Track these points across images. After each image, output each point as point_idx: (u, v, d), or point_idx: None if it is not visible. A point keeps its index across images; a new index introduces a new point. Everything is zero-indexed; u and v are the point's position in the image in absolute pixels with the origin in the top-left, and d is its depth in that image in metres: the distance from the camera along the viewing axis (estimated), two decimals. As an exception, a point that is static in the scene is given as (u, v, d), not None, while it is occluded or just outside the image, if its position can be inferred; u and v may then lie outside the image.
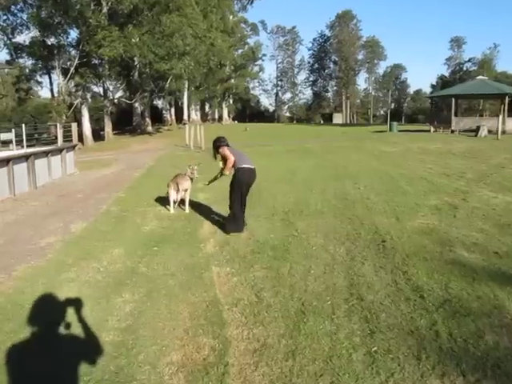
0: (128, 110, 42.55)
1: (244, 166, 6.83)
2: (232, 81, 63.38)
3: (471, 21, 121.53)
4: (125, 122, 42.68)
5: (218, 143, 6.96)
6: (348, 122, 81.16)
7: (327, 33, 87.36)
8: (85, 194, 10.42)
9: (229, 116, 66.91)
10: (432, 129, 30.17)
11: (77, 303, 4.12)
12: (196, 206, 8.47)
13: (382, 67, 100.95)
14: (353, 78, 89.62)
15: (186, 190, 8.06)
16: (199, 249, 6.07)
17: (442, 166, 13.24)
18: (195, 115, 57.36)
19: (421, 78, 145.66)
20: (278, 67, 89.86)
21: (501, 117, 23.27)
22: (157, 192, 10.02)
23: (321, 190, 9.89)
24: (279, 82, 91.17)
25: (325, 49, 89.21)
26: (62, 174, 13.66)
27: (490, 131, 24.84)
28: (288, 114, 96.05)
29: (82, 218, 7.87)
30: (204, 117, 61.98)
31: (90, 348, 3.57)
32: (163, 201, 8.92)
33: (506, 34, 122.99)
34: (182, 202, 8.25)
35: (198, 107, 60.12)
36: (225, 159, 6.94)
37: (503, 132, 26.02)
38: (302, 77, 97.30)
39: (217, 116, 66.05)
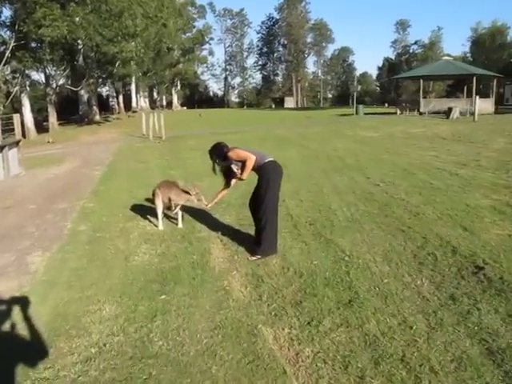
0: (73, 98, 39.08)
1: (268, 159, 5.09)
2: (180, 66, 60.34)
3: (415, 4, 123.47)
4: (69, 111, 39.21)
5: (224, 149, 5.18)
6: (299, 105, 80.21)
7: (276, 15, 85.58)
8: (38, 205, 8.18)
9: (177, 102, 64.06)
10: (398, 111, 29.30)
11: None
12: (190, 214, 6.58)
13: (330, 50, 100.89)
14: (302, 61, 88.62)
15: (178, 205, 6.18)
16: (226, 292, 4.23)
17: (446, 152, 11.95)
18: (144, 102, 54.21)
19: (367, 61, 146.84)
20: (226, 51, 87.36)
21: (477, 98, 22.49)
22: (130, 197, 8.08)
23: (332, 187, 8.23)
24: (228, 67, 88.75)
25: (273, 32, 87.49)
26: (4, 177, 11.17)
27: (460, 113, 24.16)
28: (237, 99, 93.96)
29: (41, 245, 5.75)
30: (153, 104, 58.82)
31: None
32: (144, 211, 6.97)
33: (448, 17, 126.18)
34: (168, 208, 6.37)
35: (147, 94, 56.91)
36: (240, 160, 5.12)
37: (472, 114, 25.47)
38: (251, 61, 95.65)
39: (165, 103, 62.97)
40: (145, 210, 7.06)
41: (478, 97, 22.91)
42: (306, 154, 13.13)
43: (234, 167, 5.20)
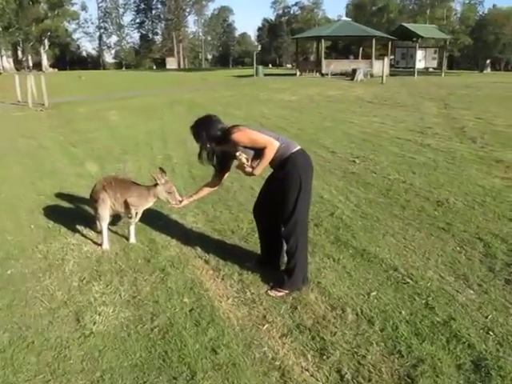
0: None
1: (296, 148, 3.34)
2: (48, 21, 53.04)
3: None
4: None
5: (220, 126, 3.38)
6: (181, 67, 76.52)
7: (153, -30, 79.35)
8: None
9: (47, 63, 56.83)
10: (298, 72, 28.45)
11: None
12: (143, 220, 4.60)
13: (210, 9, 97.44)
14: (183, 19, 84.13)
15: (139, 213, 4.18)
16: (282, 374, 2.52)
17: (388, 118, 11.07)
18: (7, 63, 46.97)
19: (247, 22, 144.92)
20: (99, 7, 79.18)
21: (386, 59, 22.27)
22: (35, 194, 5.85)
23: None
24: (103, 24, 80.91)
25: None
26: None
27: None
28: (115, 60, 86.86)
29: None
30: (17, 64, 51.33)
31: None
32: (66, 216, 4.85)
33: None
34: (118, 216, 4.36)
35: (10, 53, 49.36)
36: (254, 148, 3.34)
37: (371, 75, 25.54)
38: (128, 18, 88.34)
39: (31, 63, 55.41)
40: (68, 215, 4.89)
41: (380, 59, 22.71)
42: (233, 122, 11.35)
43: (243, 156, 3.35)
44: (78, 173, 6.84)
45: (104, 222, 4.03)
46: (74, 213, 5.00)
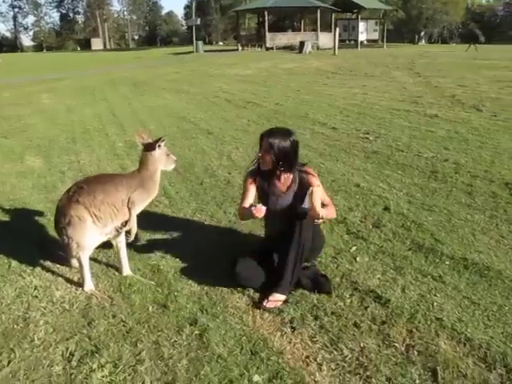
0: None
1: None
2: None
3: None
4: None
5: (296, 156, 2.67)
6: (107, 47, 72.15)
7: None
8: None
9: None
10: (240, 47, 26.95)
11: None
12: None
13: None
14: (107, -3, 79.10)
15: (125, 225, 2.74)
16: None
17: (368, 89, 10.04)
18: None
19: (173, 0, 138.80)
20: (12, -17, 72.28)
21: (338, 30, 21.24)
22: None
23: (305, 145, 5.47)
24: (17, 3, 74.05)
25: (69, -39, 75.36)
26: None
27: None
28: (34, 43, 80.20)
29: None
30: None
31: None
32: (22, 237, 3.35)
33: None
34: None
35: None
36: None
37: (318, 48, 24.64)
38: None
39: None
40: (17, 237, 3.35)
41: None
42: (194, 99, 9.91)
43: (308, 200, 2.45)
44: (18, 171, 5.20)
45: (84, 252, 2.58)
46: (26, 232, 3.45)
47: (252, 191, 2.69)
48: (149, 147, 2.71)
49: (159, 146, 2.70)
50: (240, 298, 2.54)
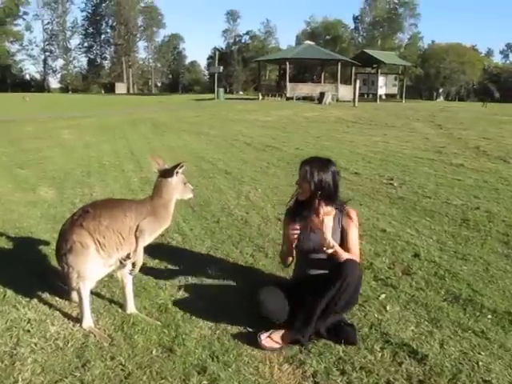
0: None
1: None
2: (-12, 40, 49.82)
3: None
4: None
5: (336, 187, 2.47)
6: (131, 92, 74.40)
7: (102, -6, 77.37)
8: None
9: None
10: (260, 96, 27.42)
11: None
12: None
13: (160, 36, 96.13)
14: (134, 44, 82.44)
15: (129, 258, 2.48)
16: None
17: (389, 138, 9.88)
18: None
19: (197, 50, 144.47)
20: (45, 29, 75.70)
21: (358, 82, 21.59)
22: None
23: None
24: (48, 47, 77.38)
25: (100, 12, 79.12)
26: None
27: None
28: (60, 85, 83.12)
29: None
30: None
31: None
32: (22, 267, 3.10)
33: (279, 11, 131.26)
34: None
35: None
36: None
37: (337, 100, 24.93)
38: (75, 42, 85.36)
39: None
40: (16, 267, 3.12)
41: (355, 84, 22.07)
42: (214, 141, 9.85)
43: (329, 232, 2.30)
44: (29, 200, 5.04)
45: (85, 283, 2.33)
46: (28, 261, 3.22)
47: None
48: (166, 173, 2.51)
49: (177, 172, 2.51)
50: (256, 346, 2.24)
